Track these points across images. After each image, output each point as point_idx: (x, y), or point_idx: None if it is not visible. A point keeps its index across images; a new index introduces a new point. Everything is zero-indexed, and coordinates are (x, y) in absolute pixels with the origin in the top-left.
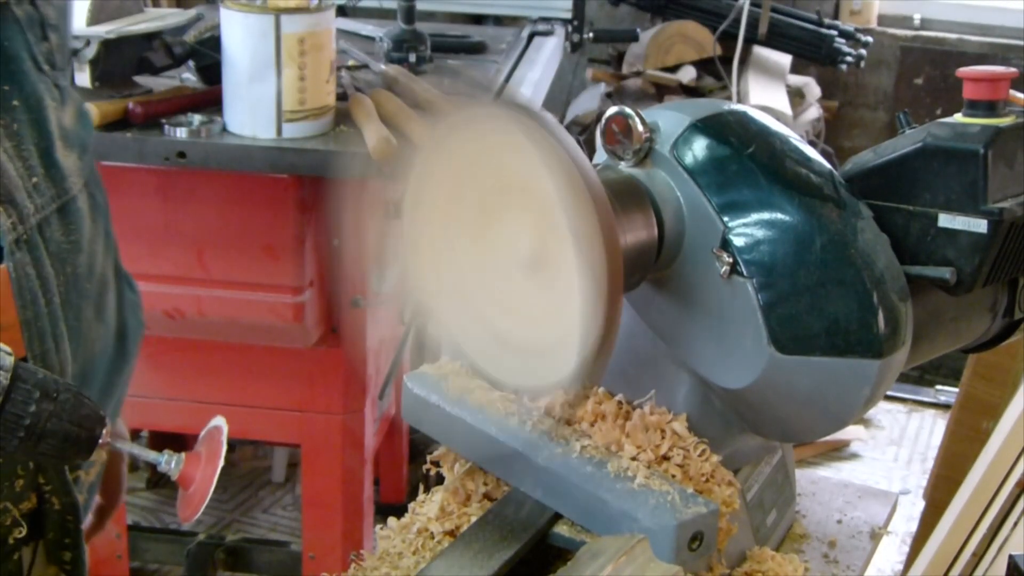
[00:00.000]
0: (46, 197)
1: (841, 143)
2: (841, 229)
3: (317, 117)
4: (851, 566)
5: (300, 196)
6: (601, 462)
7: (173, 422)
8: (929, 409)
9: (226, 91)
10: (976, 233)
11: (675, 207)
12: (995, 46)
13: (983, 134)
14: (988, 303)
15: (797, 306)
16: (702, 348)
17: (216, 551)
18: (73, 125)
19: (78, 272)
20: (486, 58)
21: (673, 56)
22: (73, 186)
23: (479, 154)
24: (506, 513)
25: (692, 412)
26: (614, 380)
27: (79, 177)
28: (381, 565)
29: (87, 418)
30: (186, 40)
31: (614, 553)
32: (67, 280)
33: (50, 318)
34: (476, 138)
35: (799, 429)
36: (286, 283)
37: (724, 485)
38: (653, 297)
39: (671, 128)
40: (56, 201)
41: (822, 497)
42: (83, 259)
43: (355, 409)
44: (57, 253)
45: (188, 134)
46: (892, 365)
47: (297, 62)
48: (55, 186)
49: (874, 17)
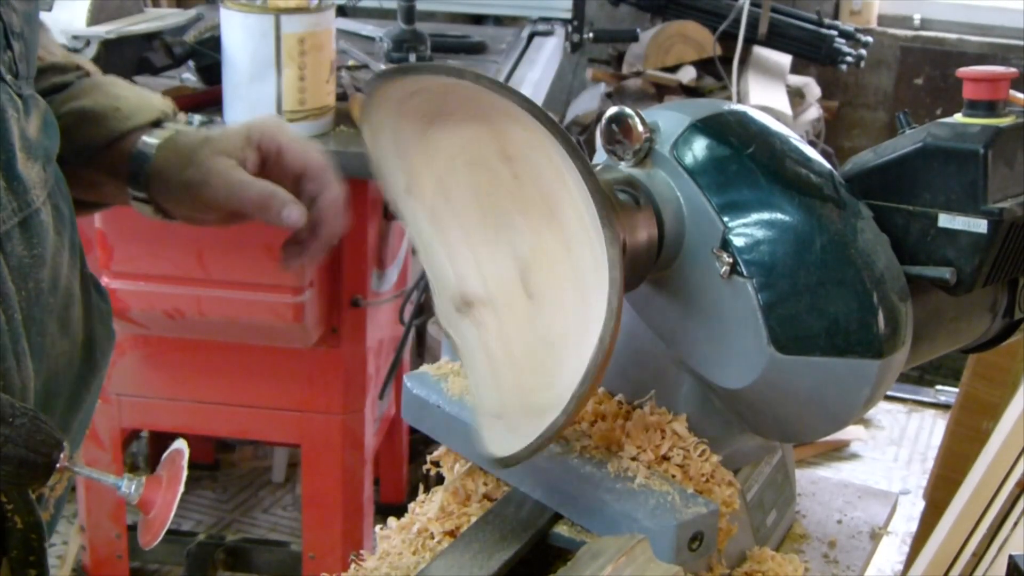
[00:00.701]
0: (7, 211)
1: (841, 143)
2: (841, 229)
3: (317, 117)
4: (851, 566)
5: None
6: (601, 462)
7: (173, 422)
8: (929, 409)
9: (226, 91)
10: (976, 233)
11: (675, 207)
12: (995, 46)
13: (983, 134)
14: (988, 303)
15: (797, 306)
16: (702, 348)
17: (216, 551)
18: (37, 135)
19: (41, 287)
20: (486, 58)
21: (673, 56)
22: (36, 199)
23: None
24: (506, 513)
25: (692, 412)
26: (614, 380)
27: (42, 189)
28: (381, 565)
29: (43, 443)
30: (186, 40)
31: (614, 553)
32: (29, 295)
33: (11, 335)
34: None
35: (799, 429)
36: (286, 283)
37: (724, 485)
38: (653, 297)
39: (671, 128)
40: (18, 215)
41: (822, 497)
42: (46, 273)
43: (355, 409)
44: (19, 268)
45: None
46: (892, 365)
47: (297, 62)
48: (17, 199)
49: (874, 17)
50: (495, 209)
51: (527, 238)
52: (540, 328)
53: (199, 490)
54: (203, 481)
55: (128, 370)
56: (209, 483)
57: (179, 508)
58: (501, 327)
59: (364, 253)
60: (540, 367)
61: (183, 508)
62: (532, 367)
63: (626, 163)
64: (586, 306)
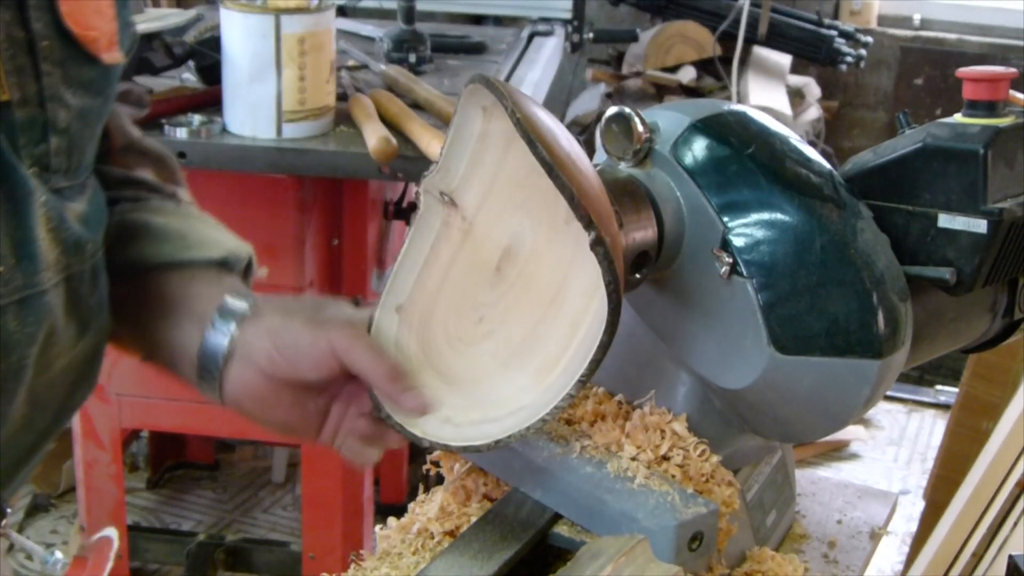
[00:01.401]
0: (9, 287)
1: (841, 143)
2: (841, 229)
3: (317, 117)
4: (851, 566)
5: (300, 196)
6: (601, 462)
7: (173, 422)
8: (929, 409)
9: (226, 91)
10: (976, 233)
11: (675, 207)
12: (995, 46)
13: (983, 134)
14: (988, 303)
15: (797, 306)
16: (702, 348)
17: (216, 551)
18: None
19: (24, 363)
20: (486, 58)
21: (673, 56)
22: (46, 281)
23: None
24: (506, 513)
25: (692, 412)
26: (614, 380)
27: (56, 272)
28: (381, 565)
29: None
30: (186, 40)
31: (614, 553)
32: (7, 368)
33: None
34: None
35: (799, 429)
36: (286, 283)
37: (724, 485)
38: (653, 297)
39: (671, 128)
40: (20, 292)
41: (822, 497)
42: (34, 351)
43: None
44: (5, 342)
45: (188, 134)
46: (892, 365)
47: (297, 62)
48: (24, 278)
49: (874, 17)
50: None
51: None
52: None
53: (199, 490)
54: (203, 481)
55: (128, 370)
56: (209, 483)
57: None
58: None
59: (364, 253)
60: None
61: (183, 508)
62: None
63: (626, 163)
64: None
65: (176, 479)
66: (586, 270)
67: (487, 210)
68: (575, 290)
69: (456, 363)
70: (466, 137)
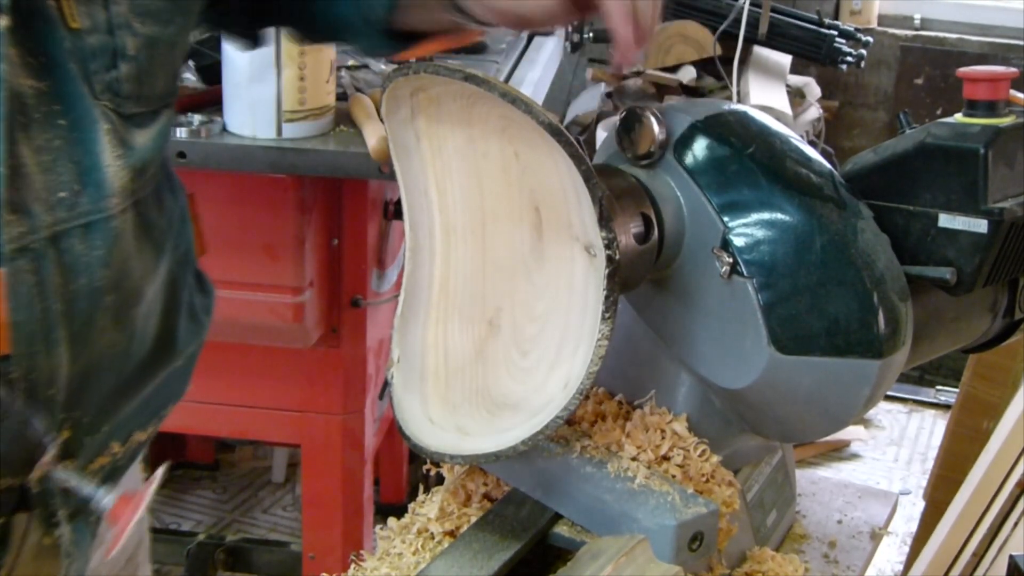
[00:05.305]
0: (74, 212)
1: (841, 143)
2: (841, 229)
3: (317, 117)
4: (851, 566)
5: (300, 196)
6: (601, 462)
7: (173, 422)
8: (929, 409)
9: (226, 91)
10: (976, 233)
11: (675, 207)
12: (995, 46)
13: (983, 134)
14: (988, 303)
15: (797, 306)
16: (702, 348)
17: (216, 551)
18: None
19: (95, 285)
20: (486, 58)
21: (673, 56)
22: (113, 206)
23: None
24: (506, 513)
25: (692, 412)
26: (614, 380)
27: (124, 198)
28: (381, 565)
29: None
30: None
31: (614, 553)
32: (78, 289)
33: (42, 323)
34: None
35: (799, 429)
36: (286, 283)
37: (724, 485)
38: (653, 297)
39: (671, 128)
40: (85, 217)
41: (822, 497)
42: (105, 273)
43: (355, 409)
44: (71, 264)
45: (188, 134)
46: (892, 365)
47: (297, 62)
48: (90, 203)
49: (874, 17)
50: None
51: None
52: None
53: (199, 490)
54: (203, 481)
55: None
56: (209, 483)
57: (179, 508)
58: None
59: (364, 253)
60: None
61: (183, 508)
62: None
63: (627, 163)
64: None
65: (176, 479)
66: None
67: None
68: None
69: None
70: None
